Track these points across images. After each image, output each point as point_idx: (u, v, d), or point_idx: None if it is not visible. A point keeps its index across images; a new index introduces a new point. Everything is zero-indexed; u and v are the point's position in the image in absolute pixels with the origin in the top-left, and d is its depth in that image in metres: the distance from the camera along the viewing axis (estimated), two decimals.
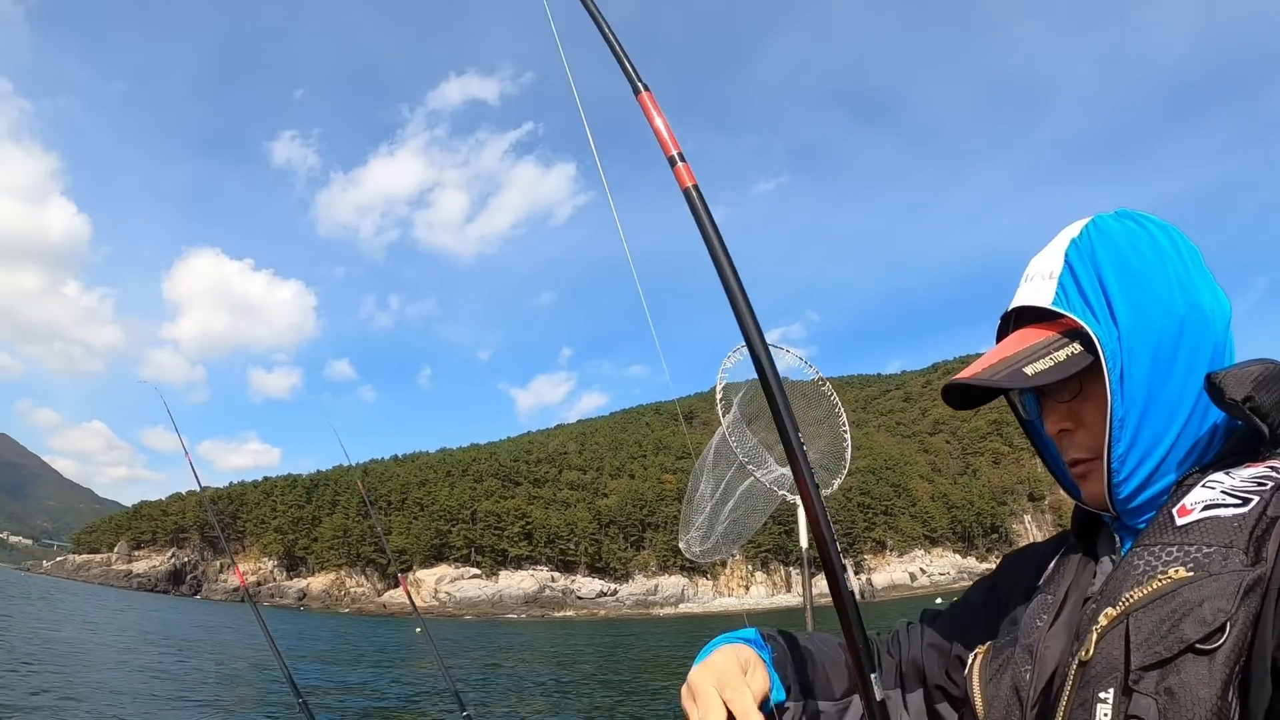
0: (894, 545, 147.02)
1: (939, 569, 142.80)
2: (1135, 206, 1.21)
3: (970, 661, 1.44)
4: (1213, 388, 1.15)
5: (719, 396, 8.65)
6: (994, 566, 1.55)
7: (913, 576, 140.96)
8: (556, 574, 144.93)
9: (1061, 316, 1.29)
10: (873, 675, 1.27)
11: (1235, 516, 1.02)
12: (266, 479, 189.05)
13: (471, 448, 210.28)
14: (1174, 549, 1.06)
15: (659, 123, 1.89)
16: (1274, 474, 1.06)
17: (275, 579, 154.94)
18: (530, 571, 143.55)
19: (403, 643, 44.73)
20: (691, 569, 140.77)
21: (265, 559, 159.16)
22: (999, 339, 1.45)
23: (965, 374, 1.33)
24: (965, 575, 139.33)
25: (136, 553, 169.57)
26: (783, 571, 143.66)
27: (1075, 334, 1.28)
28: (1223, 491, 1.08)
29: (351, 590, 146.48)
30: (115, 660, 25.51)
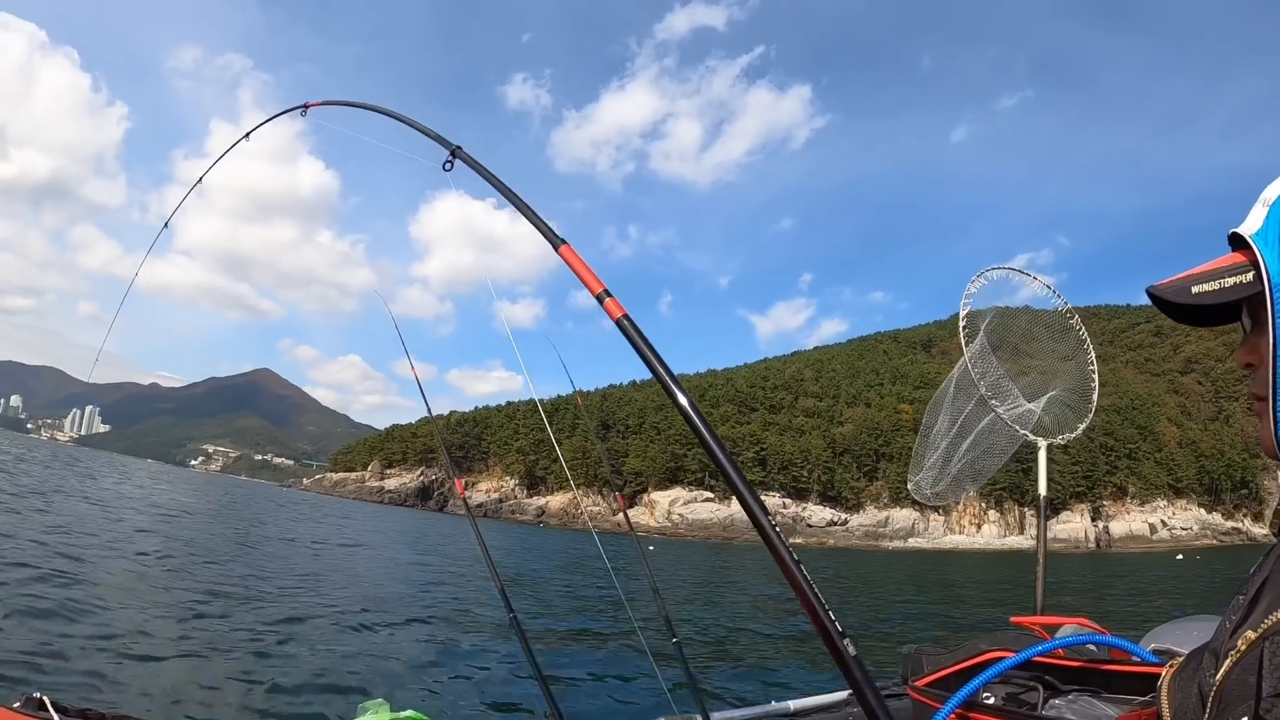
0: (1135, 493, 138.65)
1: (1181, 522, 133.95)
2: None
3: (1164, 674, 1.43)
4: None
5: (962, 324, 8.06)
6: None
7: (1153, 528, 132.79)
8: (789, 500, 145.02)
9: (1250, 248, 1.24)
10: (845, 641, 1.36)
11: None
12: (510, 404, 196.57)
13: (709, 373, 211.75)
14: None
15: (583, 269, 2.32)
16: None
17: (516, 496, 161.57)
18: (763, 497, 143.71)
19: (629, 563, 45.52)
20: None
21: (508, 478, 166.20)
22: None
23: (1154, 285, 1.33)
24: (1209, 531, 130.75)
25: (388, 471, 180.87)
26: (1016, 512, 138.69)
27: (1256, 265, 1.23)
28: None
29: (589, 509, 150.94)
30: (357, 558, 26.92)
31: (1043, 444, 7.31)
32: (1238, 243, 1.30)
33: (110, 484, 47.93)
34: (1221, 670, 1.02)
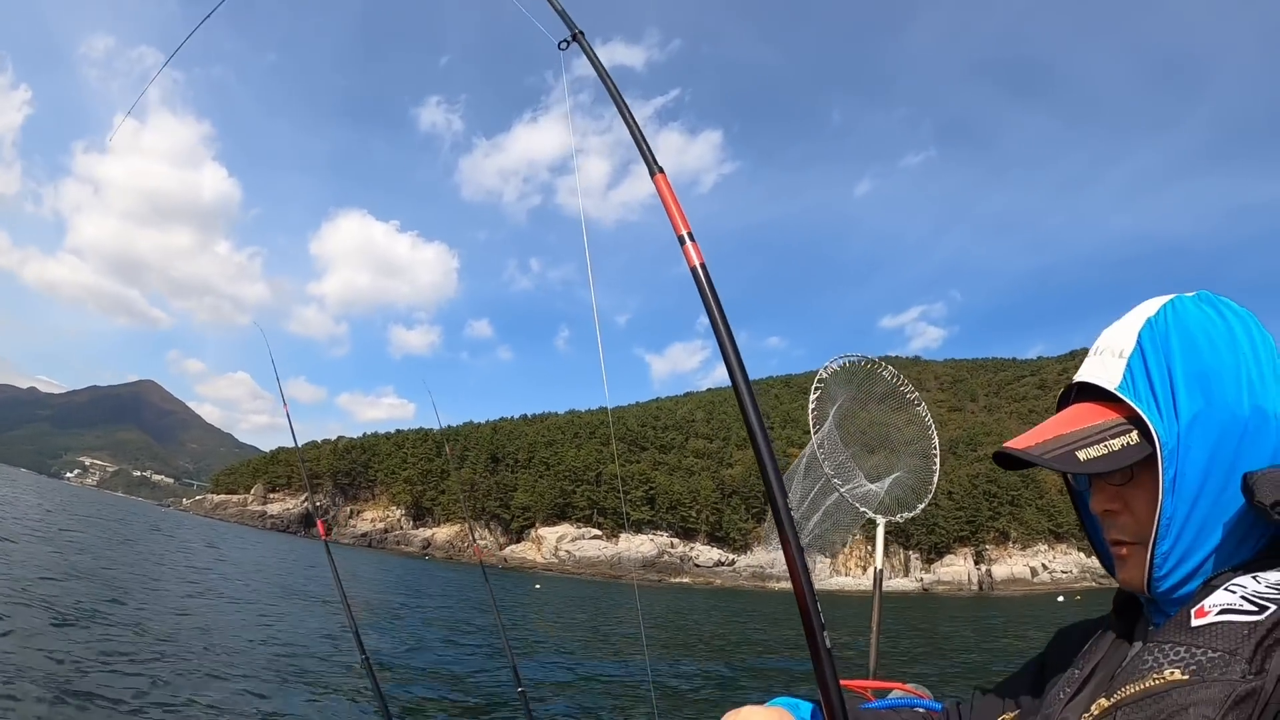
0: (1017, 537, 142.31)
1: (1061, 566, 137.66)
2: None
3: None
4: (1246, 487, 1.13)
5: (811, 409, 8.70)
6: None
7: (1034, 571, 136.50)
8: (676, 540, 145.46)
9: (1124, 402, 1.28)
10: (823, 633, 1.35)
11: (1246, 624, 1.01)
12: (399, 431, 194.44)
13: (600, 411, 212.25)
14: (1181, 649, 1.05)
15: (672, 204, 2.12)
16: None
17: (402, 527, 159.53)
18: (650, 536, 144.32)
19: (518, 598, 45.48)
20: (810, 546, 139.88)
21: (394, 507, 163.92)
22: (1059, 407, 1.46)
23: (1017, 443, 1.34)
24: (1088, 574, 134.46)
25: (271, 495, 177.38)
26: (902, 555, 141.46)
27: (1136, 422, 1.27)
28: (1243, 596, 1.06)
29: (477, 541, 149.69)
30: (206, 589, 26.56)
31: (881, 521, 7.92)
32: (1088, 393, 1.38)
33: None
34: None
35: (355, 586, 37.19)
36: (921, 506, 8.37)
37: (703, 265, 1.94)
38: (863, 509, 8.14)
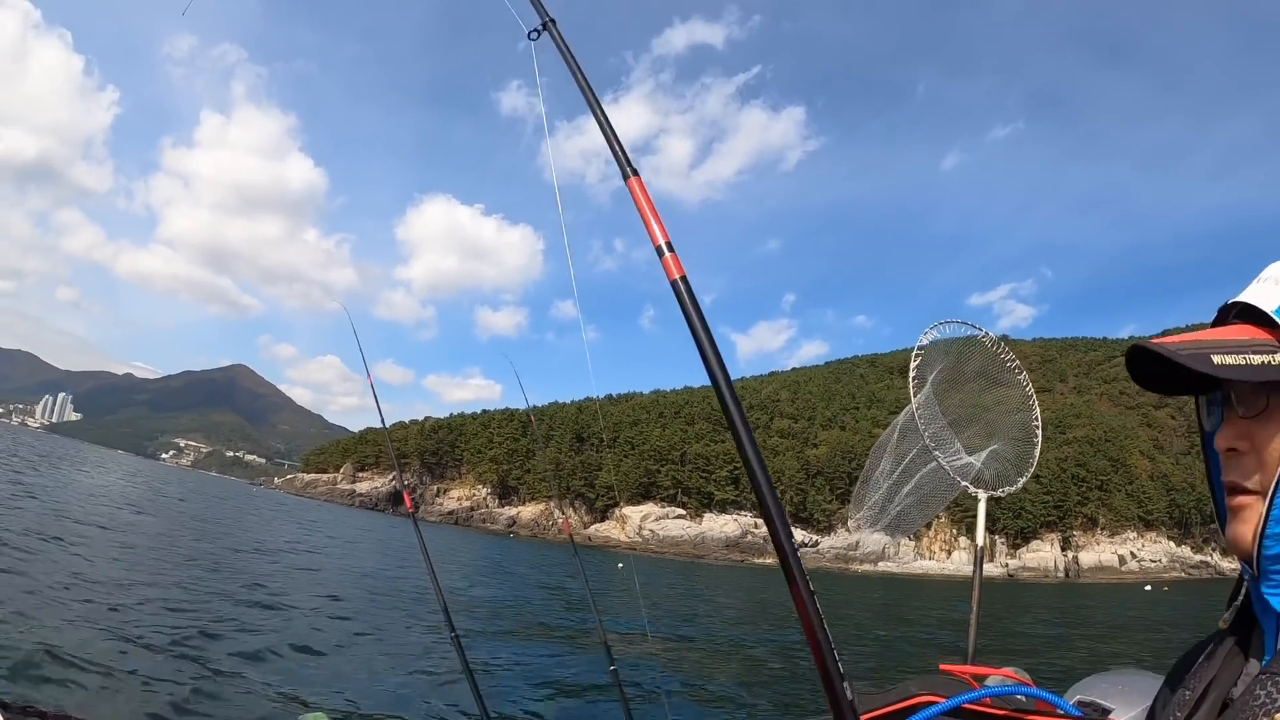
0: (1105, 524, 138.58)
1: (1150, 555, 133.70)
2: None
3: None
4: None
5: (912, 374, 8.29)
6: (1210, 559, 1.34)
7: (1122, 559, 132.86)
8: (760, 521, 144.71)
9: (1278, 327, 1.14)
10: (844, 684, 1.32)
11: None
12: (485, 411, 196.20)
13: (685, 390, 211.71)
14: None
15: (648, 211, 2.03)
16: None
17: (488, 505, 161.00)
18: (734, 516, 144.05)
19: (602, 578, 45.49)
20: (894, 524, 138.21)
21: (480, 486, 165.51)
22: (1214, 326, 1.30)
23: (1155, 342, 1.19)
24: (1177, 564, 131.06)
25: (360, 474, 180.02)
26: (988, 539, 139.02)
27: None
28: None
29: (559, 521, 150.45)
30: (314, 567, 26.82)
31: (982, 496, 7.51)
32: (1248, 315, 1.21)
33: (80, 476, 47.76)
34: None
35: (446, 563, 37.44)
36: (1023, 481, 7.92)
37: (683, 278, 1.92)
38: (963, 482, 7.70)
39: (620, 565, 68.34)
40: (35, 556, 15.50)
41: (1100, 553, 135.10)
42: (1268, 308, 1.17)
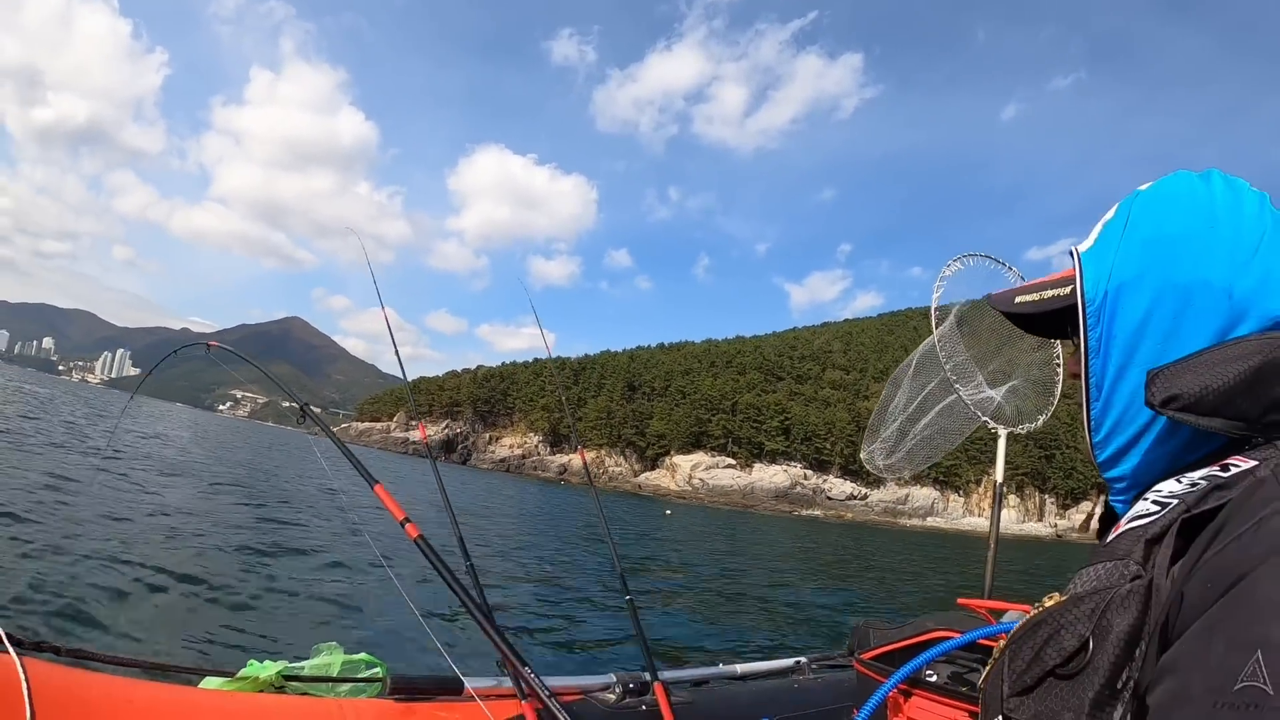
0: None
1: None
2: None
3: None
4: (1148, 382, 1.08)
5: (934, 306, 8.15)
6: None
7: None
8: (809, 472, 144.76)
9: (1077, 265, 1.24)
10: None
11: (1145, 524, 0.97)
12: (537, 360, 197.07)
13: (737, 340, 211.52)
14: (1090, 569, 1.00)
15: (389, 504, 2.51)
16: (1217, 473, 0.97)
17: (539, 453, 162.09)
18: (784, 467, 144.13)
19: (648, 522, 45.69)
20: (945, 483, 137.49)
21: (532, 434, 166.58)
22: None
23: (991, 293, 1.36)
24: None
25: (413, 422, 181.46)
26: (1037, 499, 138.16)
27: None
28: (1153, 501, 1.01)
29: (610, 469, 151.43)
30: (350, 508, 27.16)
31: (1003, 432, 7.38)
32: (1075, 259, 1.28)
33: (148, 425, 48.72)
34: (984, 675, 1.07)
35: (490, 508, 37.79)
36: (1043, 419, 7.76)
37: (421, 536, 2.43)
38: (983, 417, 7.56)
39: (669, 512, 68.76)
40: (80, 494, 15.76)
41: None
42: (1075, 247, 1.26)
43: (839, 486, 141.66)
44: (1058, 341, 8.40)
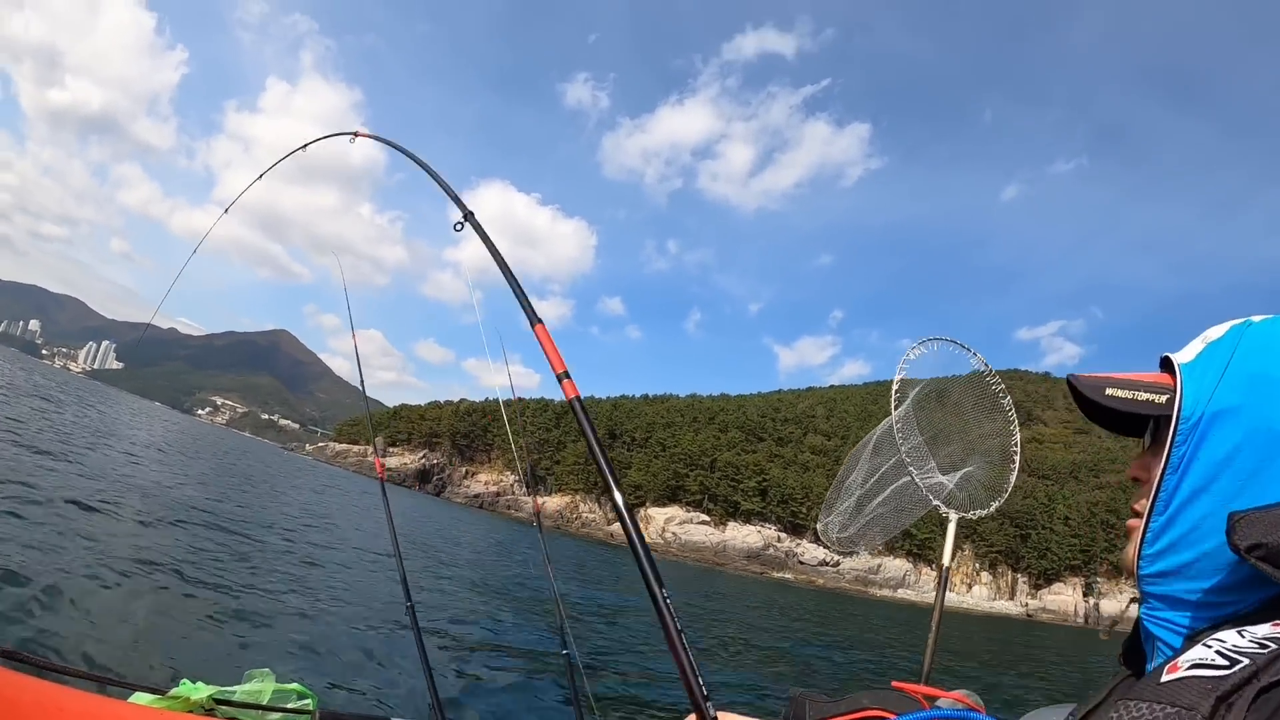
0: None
1: None
2: None
3: None
4: (1229, 524, 1.06)
5: (895, 388, 8.37)
6: None
7: None
8: (784, 535, 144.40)
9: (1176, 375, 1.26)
10: (707, 702, 1.45)
11: (1213, 678, 0.93)
12: (520, 399, 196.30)
13: (721, 397, 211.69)
14: (1144, 706, 0.96)
15: (551, 350, 2.41)
16: None
17: (514, 493, 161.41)
18: (758, 527, 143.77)
19: (606, 569, 45.48)
20: (918, 555, 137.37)
21: (508, 472, 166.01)
22: None
23: (1075, 375, 1.37)
24: None
25: (390, 449, 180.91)
26: (1009, 577, 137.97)
27: (1175, 392, 1.24)
28: (1218, 651, 0.97)
29: (584, 515, 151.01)
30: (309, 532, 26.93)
31: (953, 516, 7.56)
32: (1167, 367, 1.31)
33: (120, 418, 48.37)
34: None
35: (437, 548, 37.71)
36: (995, 505, 7.94)
37: (578, 398, 2.27)
38: (934, 500, 7.76)
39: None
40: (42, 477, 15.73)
41: (1122, 602, 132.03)
42: (1176, 358, 1.28)
43: (812, 552, 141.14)
44: (1016, 432, 8.65)
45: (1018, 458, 8.23)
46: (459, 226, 3.30)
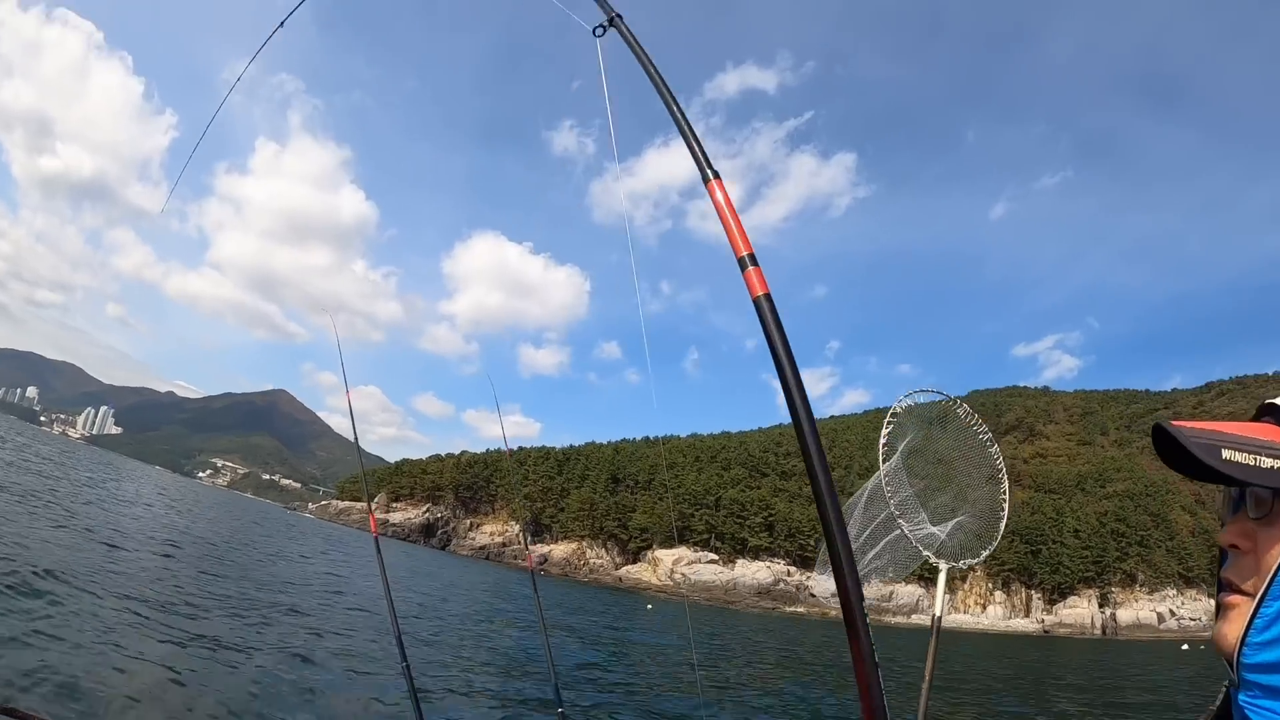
0: (1145, 580, 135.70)
1: (1190, 613, 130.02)
2: None
3: None
4: None
5: (883, 443, 8.59)
6: None
7: (1161, 617, 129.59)
8: (793, 568, 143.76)
9: None
10: None
11: None
12: (521, 448, 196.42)
13: (722, 435, 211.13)
14: None
15: (730, 218, 1.80)
16: None
17: (519, 542, 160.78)
18: (767, 563, 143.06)
19: (631, 617, 45.37)
20: (929, 580, 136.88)
21: (512, 522, 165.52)
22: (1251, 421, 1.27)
23: (1177, 422, 1.18)
24: None
25: (394, 504, 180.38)
26: (1024, 594, 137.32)
27: None
28: None
29: (591, 561, 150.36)
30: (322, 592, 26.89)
31: (944, 567, 7.75)
32: (1272, 413, 1.21)
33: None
34: None
35: (449, 604, 37.66)
36: (986, 554, 8.15)
37: (767, 295, 1.77)
38: (925, 551, 7.98)
39: (649, 606, 68.37)
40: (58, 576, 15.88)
41: (1139, 610, 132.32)
42: None
43: (823, 584, 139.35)
44: (1005, 478, 8.87)
45: (1006, 505, 8.44)
46: (600, 31, 2.52)
